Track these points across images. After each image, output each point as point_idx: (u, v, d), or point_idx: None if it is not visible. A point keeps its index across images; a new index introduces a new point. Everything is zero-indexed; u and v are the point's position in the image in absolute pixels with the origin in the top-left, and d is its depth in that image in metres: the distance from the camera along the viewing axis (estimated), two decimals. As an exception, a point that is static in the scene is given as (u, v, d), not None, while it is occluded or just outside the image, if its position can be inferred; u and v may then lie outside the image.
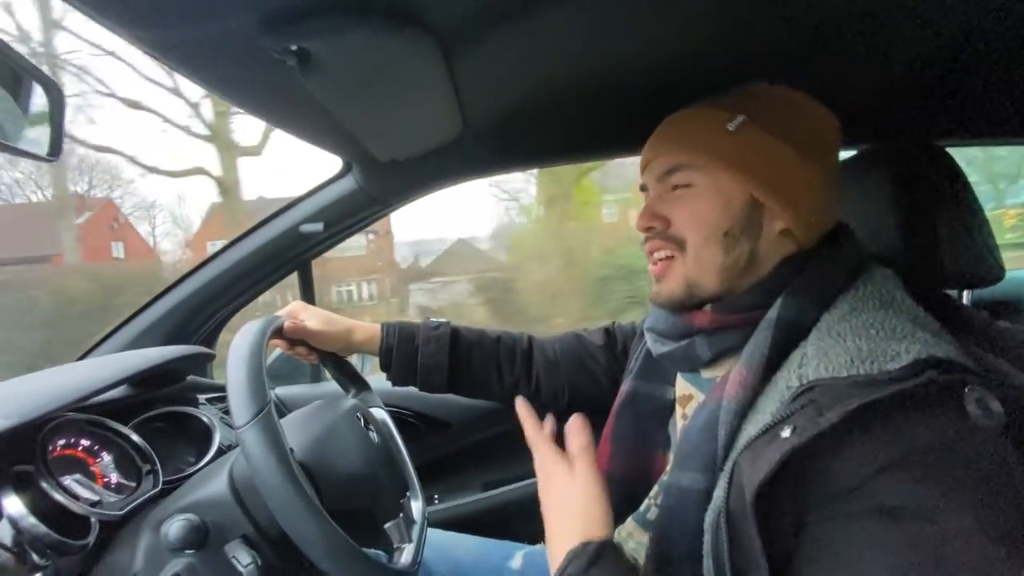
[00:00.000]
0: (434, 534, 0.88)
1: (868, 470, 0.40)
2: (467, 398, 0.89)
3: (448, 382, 0.84)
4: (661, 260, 0.60)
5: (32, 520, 0.55)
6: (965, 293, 1.33)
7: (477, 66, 0.64)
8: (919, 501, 0.39)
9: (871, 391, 0.41)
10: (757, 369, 0.50)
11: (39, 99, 0.42)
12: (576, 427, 0.55)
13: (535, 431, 0.59)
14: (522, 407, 0.61)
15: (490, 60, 0.63)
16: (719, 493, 0.47)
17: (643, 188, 0.64)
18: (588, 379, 0.86)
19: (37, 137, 0.42)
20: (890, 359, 0.43)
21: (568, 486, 0.53)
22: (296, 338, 0.78)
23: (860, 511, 0.41)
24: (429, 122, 0.79)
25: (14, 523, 0.54)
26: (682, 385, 0.65)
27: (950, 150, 0.70)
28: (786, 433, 0.42)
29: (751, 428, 0.48)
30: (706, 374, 0.61)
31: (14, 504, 0.55)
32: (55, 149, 0.43)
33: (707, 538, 0.47)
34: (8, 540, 0.53)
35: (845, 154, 0.68)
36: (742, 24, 0.60)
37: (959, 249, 0.64)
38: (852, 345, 0.46)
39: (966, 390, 0.41)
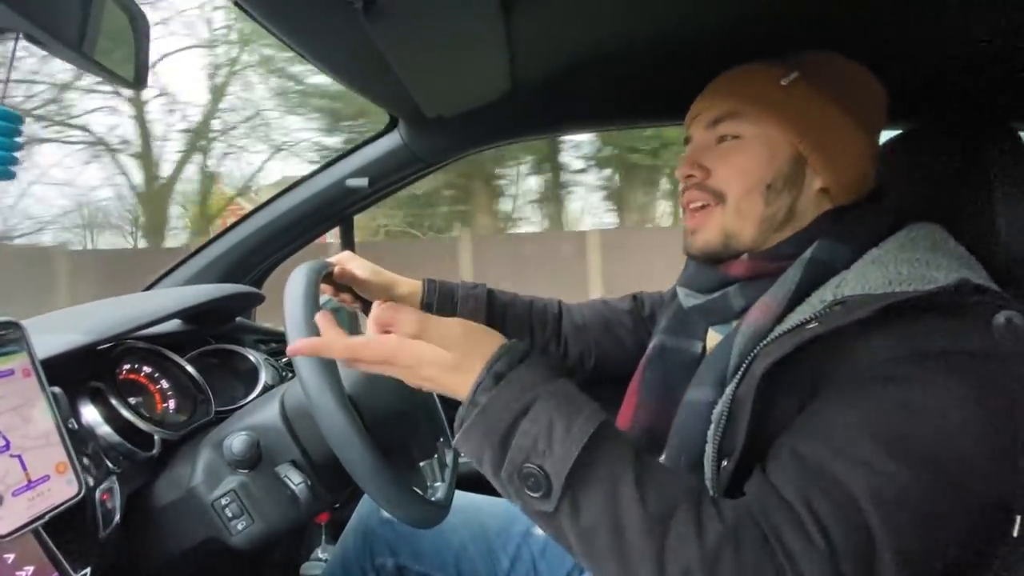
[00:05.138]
0: (459, 496, 0.90)
1: (882, 356, 0.42)
2: None
3: None
4: (698, 210, 0.61)
5: (107, 428, 0.60)
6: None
7: (532, 23, 0.64)
8: (923, 385, 0.41)
9: (903, 297, 0.42)
10: (782, 301, 0.52)
11: (126, 27, 0.45)
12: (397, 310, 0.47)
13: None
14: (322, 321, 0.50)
15: (545, 18, 0.63)
16: (731, 387, 0.49)
17: (687, 140, 0.65)
18: (614, 342, 0.88)
19: (124, 63, 0.44)
20: (928, 283, 0.45)
21: (448, 336, 0.46)
22: (343, 284, 0.82)
23: (859, 383, 0.43)
24: (477, 78, 0.80)
25: (91, 431, 0.59)
26: (713, 337, 0.67)
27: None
28: (812, 326, 0.45)
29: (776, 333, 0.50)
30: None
31: (91, 413, 0.60)
32: (140, 78, 0.45)
33: (711, 428, 0.50)
34: (86, 447, 0.58)
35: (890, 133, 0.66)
36: None
37: (1019, 234, 0.62)
38: (892, 271, 0.48)
39: (997, 314, 0.41)
